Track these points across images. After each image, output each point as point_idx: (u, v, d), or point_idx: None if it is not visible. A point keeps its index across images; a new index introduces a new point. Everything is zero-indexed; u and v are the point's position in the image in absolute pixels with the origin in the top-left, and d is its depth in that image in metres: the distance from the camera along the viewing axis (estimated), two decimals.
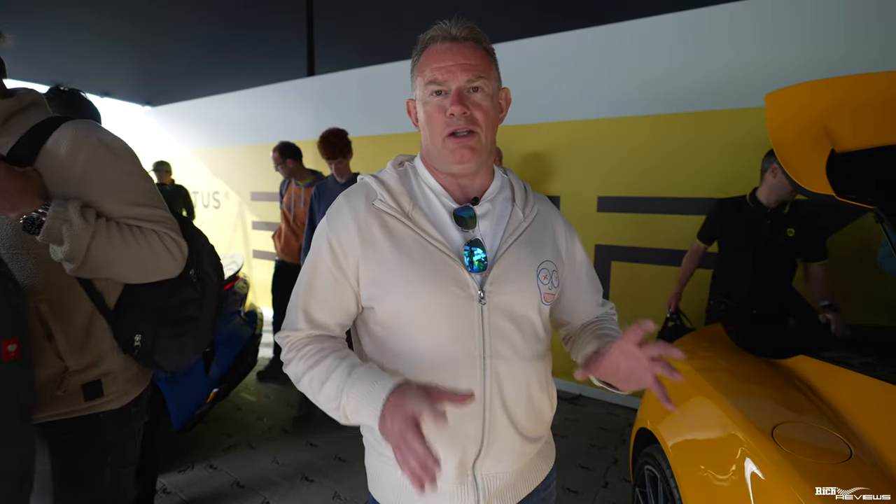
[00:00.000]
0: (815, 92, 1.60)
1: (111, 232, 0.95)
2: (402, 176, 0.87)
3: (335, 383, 0.74)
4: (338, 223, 0.81)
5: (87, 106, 1.73)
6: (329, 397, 0.75)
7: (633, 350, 0.70)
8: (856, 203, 1.35)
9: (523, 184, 0.94)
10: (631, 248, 3.23)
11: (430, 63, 0.77)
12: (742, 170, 2.69)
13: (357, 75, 4.47)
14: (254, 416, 3.04)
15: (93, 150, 0.96)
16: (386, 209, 0.81)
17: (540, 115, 3.48)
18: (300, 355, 0.81)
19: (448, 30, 0.78)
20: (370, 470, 0.92)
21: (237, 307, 2.80)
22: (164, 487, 2.24)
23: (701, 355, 1.77)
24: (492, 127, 0.81)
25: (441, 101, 0.78)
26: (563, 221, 0.96)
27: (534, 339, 0.85)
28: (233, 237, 5.77)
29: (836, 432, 1.08)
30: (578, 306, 0.97)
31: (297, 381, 0.81)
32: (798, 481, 0.93)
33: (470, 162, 0.79)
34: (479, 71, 0.77)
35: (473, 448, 0.80)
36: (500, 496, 0.85)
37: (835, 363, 1.34)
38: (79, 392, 1.00)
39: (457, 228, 0.82)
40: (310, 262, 0.84)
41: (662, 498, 1.44)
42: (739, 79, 2.77)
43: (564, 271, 0.93)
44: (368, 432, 0.90)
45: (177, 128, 6.39)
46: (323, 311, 0.83)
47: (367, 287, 0.80)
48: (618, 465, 2.51)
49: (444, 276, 0.77)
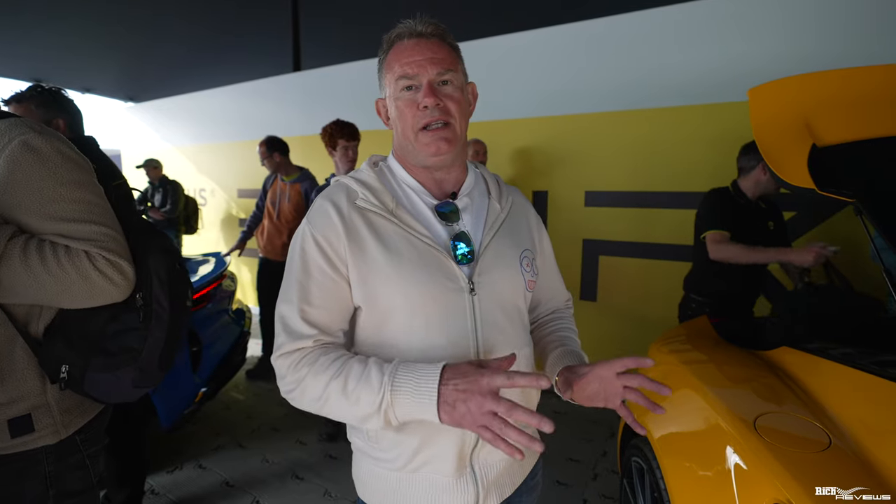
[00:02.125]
0: (797, 87, 1.62)
1: (28, 254, 0.82)
2: (380, 175, 0.86)
3: (368, 386, 0.69)
4: (322, 222, 0.79)
5: (68, 105, 1.70)
6: (366, 402, 0.69)
7: (610, 376, 0.75)
8: (836, 196, 1.37)
9: (495, 177, 0.96)
10: (618, 243, 3.25)
11: (399, 59, 0.78)
12: (729, 164, 2.71)
13: (344, 70, 4.43)
14: (243, 414, 3.02)
15: (15, 153, 0.84)
16: (370, 207, 0.80)
17: (527, 111, 3.49)
18: (315, 367, 0.74)
19: (413, 26, 0.79)
20: (360, 476, 0.89)
21: (225, 305, 2.77)
22: (152, 488, 2.22)
23: (686, 348, 1.79)
24: (464, 118, 0.82)
25: (412, 95, 0.78)
26: (533, 211, 1.00)
27: (521, 326, 0.88)
28: (221, 234, 5.71)
29: (817, 422, 1.10)
30: (548, 294, 1.03)
31: (315, 396, 0.73)
32: (778, 470, 0.95)
33: (446, 153, 0.80)
34: (448, 64, 0.78)
35: (471, 437, 0.80)
36: (497, 486, 0.86)
37: (816, 354, 1.37)
38: (3, 428, 0.88)
39: (440, 223, 0.83)
40: (297, 268, 0.79)
41: (649, 489, 1.46)
42: (725, 74, 2.80)
43: (539, 259, 0.97)
44: (358, 437, 0.87)
45: (161, 124, 6.28)
46: (325, 315, 0.78)
47: (356, 286, 0.78)
48: (607, 457, 2.54)
49: (434, 269, 0.78)
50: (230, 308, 2.86)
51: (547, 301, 1.04)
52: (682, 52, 2.92)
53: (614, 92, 3.16)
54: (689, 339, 1.90)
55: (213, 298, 2.60)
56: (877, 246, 1.38)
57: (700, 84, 2.88)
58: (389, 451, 0.82)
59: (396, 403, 0.67)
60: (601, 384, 0.77)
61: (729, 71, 2.78)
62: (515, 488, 0.90)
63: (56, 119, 1.64)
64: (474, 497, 0.82)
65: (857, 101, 1.50)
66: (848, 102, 1.51)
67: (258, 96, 5.13)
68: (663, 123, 3.02)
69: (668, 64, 2.97)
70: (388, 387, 0.67)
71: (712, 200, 2.24)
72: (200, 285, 2.47)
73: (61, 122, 1.65)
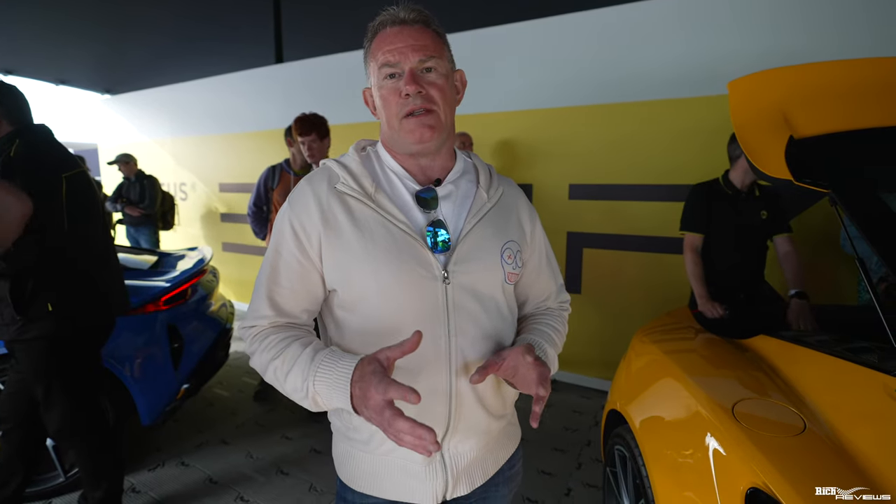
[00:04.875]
0: (776, 79, 1.64)
1: None
2: (365, 159, 0.86)
3: (300, 372, 0.73)
4: (300, 207, 0.80)
5: (4, 95, 1.61)
6: (296, 387, 0.74)
7: (527, 363, 0.76)
8: (812, 187, 1.40)
9: (488, 166, 0.94)
10: (603, 235, 3.28)
11: (382, 47, 0.77)
12: (713, 155, 2.75)
13: (327, 62, 4.38)
14: (227, 411, 2.98)
15: None
16: (348, 191, 0.80)
17: (512, 103, 3.49)
18: (263, 346, 0.79)
19: (396, 14, 0.78)
20: (338, 455, 0.91)
21: (206, 301, 2.73)
22: (133, 486, 2.19)
23: (668, 338, 1.82)
24: (450, 106, 0.81)
25: (395, 83, 0.77)
26: (527, 204, 0.97)
27: (498, 317, 0.86)
28: (202, 230, 5.61)
29: (792, 407, 1.12)
30: (534, 290, 0.99)
31: (263, 372, 0.80)
32: (755, 455, 0.97)
33: (431, 141, 0.79)
34: (431, 51, 0.77)
35: (441, 426, 0.81)
36: (467, 474, 0.86)
37: (792, 341, 1.40)
38: None
39: (419, 210, 0.82)
40: (272, 249, 0.82)
41: (631, 476, 1.48)
42: (708, 67, 2.83)
43: (528, 252, 0.94)
44: (336, 418, 0.89)
45: (139, 117, 6.14)
46: (288, 298, 0.82)
47: (330, 270, 0.79)
48: (591, 446, 2.57)
49: (407, 256, 0.77)
50: (212, 303, 2.82)
51: (536, 298, 1.00)
52: (667, 46, 2.94)
53: (599, 85, 3.17)
54: (670, 329, 1.93)
55: (194, 294, 2.55)
56: (850, 235, 1.41)
57: (684, 78, 2.91)
58: (362, 433, 0.83)
59: (319, 392, 0.71)
60: (525, 370, 0.76)
61: (713, 65, 2.81)
62: (488, 478, 0.90)
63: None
64: (443, 484, 0.83)
65: (834, 93, 1.53)
66: (825, 95, 1.54)
67: (239, 88, 5.04)
68: (647, 117, 3.04)
69: (653, 58, 2.99)
70: (312, 376, 0.72)
71: (692, 199, 2.28)
72: (180, 281, 2.43)
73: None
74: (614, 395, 1.78)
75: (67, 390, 1.70)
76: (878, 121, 1.46)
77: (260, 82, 4.89)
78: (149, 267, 2.80)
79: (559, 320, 0.97)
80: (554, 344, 0.90)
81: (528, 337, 0.88)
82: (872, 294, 1.24)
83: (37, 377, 1.67)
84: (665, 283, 3.06)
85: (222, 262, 5.08)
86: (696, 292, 2.13)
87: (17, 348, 1.66)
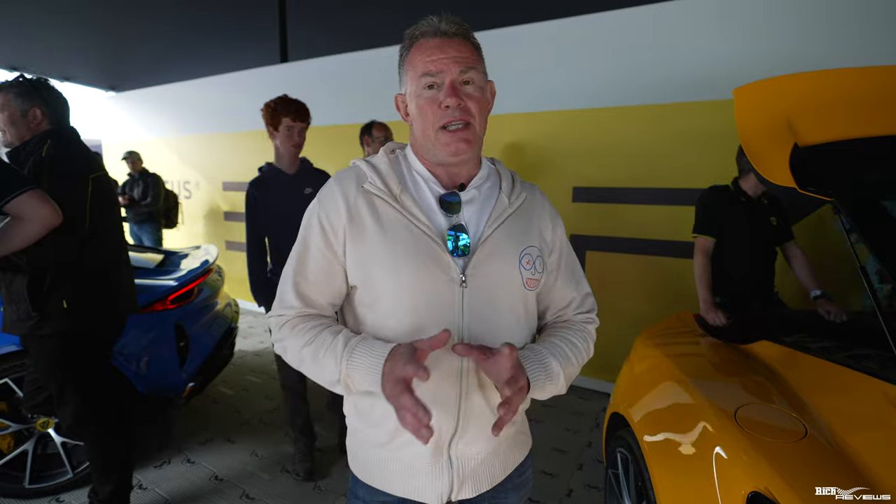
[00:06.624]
0: (781, 87, 1.65)
1: None
2: (393, 161, 0.88)
3: (333, 357, 0.77)
4: (329, 204, 0.83)
5: (49, 95, 1.70)
6: (330, 371, 0.78)
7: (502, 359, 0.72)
8: (816, 195, 1.42)
9: (511, 173, 0.95)
10: (606, 238, 3.30)
11: (422, 57, 0.79)
12: (716, 160, 2.76)
13: (331, 62, 4.39)
14: (232, 409, 3.01)
15: None
16: (375, 191, 0.82)
17: (516, 106, 3.50)
18: (294, 332, 0.83)
19: (437, 25, 0.79)
20: (352, 447, 0.94)
21: (212, 300, 2.75)
22: (140, 483, 2.21)
23: (670, 342, 1.84)
24: (484, 118, 0.83)
25: (434, 94, 0.79)
26: (550, 210, 0.95)
27: (515, 323, 0.85)
28: (205, 228, 5.64)
29: (794, 413, 1.14)
30: (554, 297, 0.95)
31: (294, 358, 0.83)
32: (757, 459, 0.99)
33: (465, 153, 0.81)
34: (471, 63, 0.79)
35: (449, 428, 0.82)
36: (474, 477, 0.87)
37: (794, 347, 1.42)
38: None
39: (442, 213, 0.84)
40: (301, 242, 0.86)
41: (633, 478, 1.50)
42: (715, 71, 2.83)
43: (548, 258, 0.92)
44: (350, 412, 0.92)
45: (143, 115, 6.16)
46: (314, 290, 0.85)
47: (352, 266, 0.82)
48: (592, 447, 2.59)
49: (426, 258, 0.79)
50: (217, 302, 2.84)
51: (556, 306, 0.95)
52: (671, 50, 2.95)
53: (603, 89, 3.19)
54: (673, 332, 1.94)
55: (200, 293, 2.57)
56: (852, 242, 1.42)
57: (690, 82, 2.92)
58: (375, 428, 0.86)
59: (352, 376, 0.76)
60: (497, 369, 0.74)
61: (717, 69, 2.82)
62: (495, 484, 0.91)
63: (33, 108, 1.65)
64: (448, 485, 0.85)
65: (838, 102, 1.54)
66: (829, 103, 1.55)
67: (244, 87, 5.05)
68: (651, 120, 3.05)
69: (657, 61, 3.00)
70: (345, 360, 0.76)
71: (705, 201, 2.26)
72: (187, 280, 2.45)
73: (38, 111, 1.67)
74: (616, 398, 1.80)
75: (80, 387, 1.73)
76: (882, 129, 1.48)
77: (265, 81, 4.90)
78: (155, 265, 2.82)
79: (579, 334, 0.91)
80: (565, 357, 0.84)
81: (535, 346, 0.86)
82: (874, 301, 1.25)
83: (50, 374, 1.71)
84: (668, 286, 3.07)
85: (226, 261, 5.11)
86: (700, 296, 2.13)
87: (31, 345, 1.69)
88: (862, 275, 1.27)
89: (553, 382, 0.81)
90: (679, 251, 3.01)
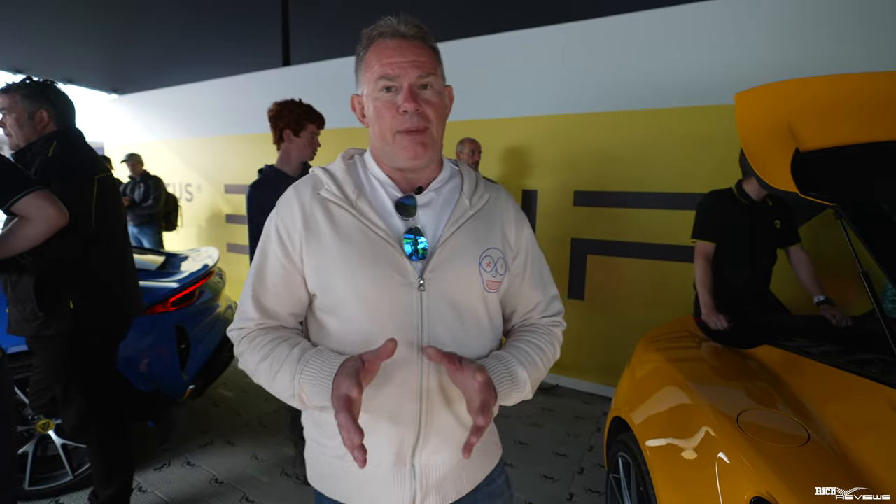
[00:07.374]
0: (782, 92, 1.66)
1: None
2: (351, 167, 0.87)
3: (288, 372, 0.76)
4: (285, 212, 0.83)
5: (55, 97, 1.71)
6: (284, 386, 0.76)
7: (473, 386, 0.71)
8: (817, 200, 1.42)
9: (476, 174, 0.93)
10: (607, 242, 3.30)
11: (380, 59, 0.77)
12: (718, 164, 2.77)
13: (334, 66, 4.40)
14: (232, 411, 3.00)
15: None
16: (331, 197, 0.81)
17: (519, 110, 3.51)
18: (251, 347, 0.81)
19: (396, 26, 0.77)
20: (310, 459, 0.92)
21: (213, 302, 2.75)
22: (139, 486, 2.21)
23: (672, 346, 1.83)
24: (442, 122, 0.82)
25: (392, 97, 0.77)
26: (514, 211, 0.93)
27: (476, 327, 0.84)
28: (207, 231, 5.64)
29: (796, 417, 1.14)
30: (520, 300, 0.93)
31: (252, 373, 0.81)
32: (759, 464, 0.99)
33: (422, 158, 0.80)
34: (429, 68, 0.77)
35: (411, 436, 0.81)
36: (439, 488, 0.85)
37: (795, 352, 1.42)
38: None
39: (399, 217, 0.83)
40: (260, 252, 0.85)
41: (635, 483, 1.49)
42: (717, 76, 2.84)
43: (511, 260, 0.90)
44: (307, 422, 0.91)
45: (145, 117, 6.18)
46: (273, 301, 0.84)
47: (311, 274, 0.81)
48: (593, 451, 2.59)
49: (383, 262, 0.78)
50: (218, 305, 2.84)
51: (522, 309, 0.94)
52: (673, 55, 2.96)
53: (604, 93, 3.19)
54: (674, 337, 1.94)
55: (201, 296, 2.58)
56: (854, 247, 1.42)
57: (691, 87, 2.93)
58: (332, 439, 0.84)
59: (305, 390, 0.74)
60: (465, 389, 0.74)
61: (718, 74, 2.83)
62: (462, 495, 0.88)
63: (40, 110, 1.66)
64: (410, 496, 0.83)
65: (839, 107, 1.55)
66: (831, 108, 1.56)
67: (246, 90, 5.06)
68: (654, 125, 3.06)
69: (659, 66, 3.01)
70: (298, 374, 0.75)
71: (706, 206, 2.26)
72: (189, 282, 2.45)
73: (45, 113, 1.68)
74: (618, 402, 1.79)
75: (85, 388, 1.74)
76: (884, 134, 1.48)
77: (267, 85, 4.92)
78: (157, 268, 2.83)
79: (545, 338, 0.90)
80: (532, 363, 0.84)
81: (501, 353, 0.84)
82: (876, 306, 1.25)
83: (56, 374, 1.71)
84: (669, 290, 3.07)
85: (227, 264, 5.11)
86: (701, 301, 2.14)
87: (37, 345, 1.69)
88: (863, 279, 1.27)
89: (520, 390, 0.81)
90: (680, 255, 3.01)
